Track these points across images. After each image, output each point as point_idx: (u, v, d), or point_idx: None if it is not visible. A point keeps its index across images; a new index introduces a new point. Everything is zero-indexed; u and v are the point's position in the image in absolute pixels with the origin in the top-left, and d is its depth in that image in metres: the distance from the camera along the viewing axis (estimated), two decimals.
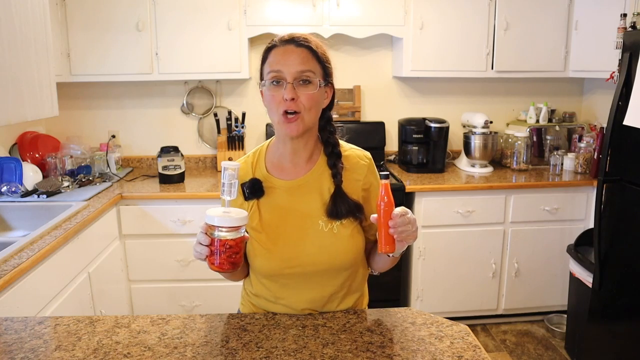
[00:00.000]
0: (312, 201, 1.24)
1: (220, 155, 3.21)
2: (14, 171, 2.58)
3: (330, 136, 1.27)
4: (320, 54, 1.20)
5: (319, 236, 1.23)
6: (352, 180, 1.26)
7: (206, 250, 1.08)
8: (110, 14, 2.85)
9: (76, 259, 2.17)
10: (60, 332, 1.18)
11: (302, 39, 1.19)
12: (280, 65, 1.16)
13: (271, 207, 1.26)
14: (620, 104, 2.26)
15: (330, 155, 1.26)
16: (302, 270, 1.23)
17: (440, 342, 1.12)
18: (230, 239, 1.06)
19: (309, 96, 1.16)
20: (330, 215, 1.22)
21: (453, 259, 2.94)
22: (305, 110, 1.17)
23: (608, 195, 2.38)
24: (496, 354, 2.79)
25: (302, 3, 2.94)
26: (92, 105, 3.31)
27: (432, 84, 3.45)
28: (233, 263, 1.08)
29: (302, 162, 1.27)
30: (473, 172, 3.16)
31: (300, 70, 1.16)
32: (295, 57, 1.17)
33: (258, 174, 1.28)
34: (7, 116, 1.87)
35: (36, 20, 2.06)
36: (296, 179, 1.26)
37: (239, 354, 1.08)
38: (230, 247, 1.06)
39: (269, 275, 1.26)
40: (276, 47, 1.19)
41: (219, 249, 1.06)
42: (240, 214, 1.09)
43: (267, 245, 1.23)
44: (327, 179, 1.25)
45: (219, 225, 1.05)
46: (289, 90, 1.15)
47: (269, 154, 1.31)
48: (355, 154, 1.30)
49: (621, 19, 2.61)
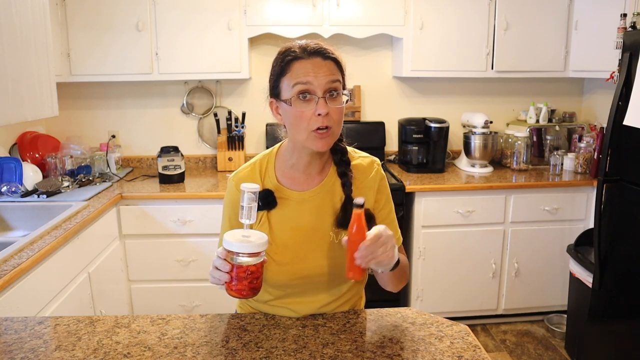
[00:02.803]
0: (324, 214, 1.22)
1: (220, 155, 3.21)
2: (14, 171, 2.58)
3: (338, 143, 1.25)
4: (342, 65, 1.18)
5: (329, 248, 1.21)
6: (363, 189, 1.24)
7: (226, 276, 1.04)
8: (110, 14, 2.85)
9: (76, 259, 2.17)
10: (60, 332, 1.18)
11: (327, 50, 1.16)
12: (309, 78, 1.11)
13: (282, 218, 1.23)
14: (620, 104, 2.26)
15: (339, 163, 1.24)
16: (310, 281, 1.22)
17: (440, 342, 1.12)
18: (252, 264, 1.02)
19: (339, 110, 1.14)
20: (339, 225, 1.21)
21: (453, 259, 2.94)
22: (336, 124, 1.14)
23: (608, 195, 2.38)
24: (496, 354, 2.79)
25: (302, 3, 2.93)
26: (92, 105, 3.31)
27: (432, 84, 3.45)
28: (253, 289, 1.04)
29: (314, 173, 1.24)
30: (473, 172, 3.16)
31: (330, 87, 1.13)
32: (325, 71, 1.12)
33: (268, 183, 1.24)
34: (7, 116, 1.87)
35: (36, 21, 2.06)
36: (308, 190, 1.23)
37: (239, 354, 1.08)
38: (252, 273, 1.03)
39: (276, 286, 1.24)
40: (301, 60, 1.13)
41: (239, 275, 1.02)
42: (261, 238, 1.05)
43: (277, 257, 1.21)
44: (339, 189, 1.23)
45: (239, 251, 1.02)
46: (322, 105, 1.10)
47: (278, 163, 1.27)
48: (365, 162, 1.28)
49: (621, 19, 2.61)
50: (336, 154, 1.25)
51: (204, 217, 2.73)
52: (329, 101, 1.12)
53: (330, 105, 1.12)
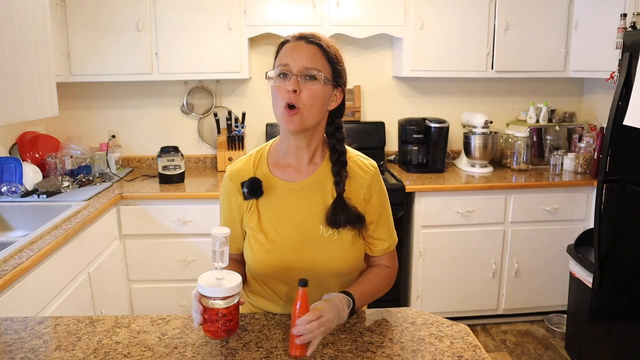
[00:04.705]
0: (313, 205, 1.23)
1: (220, 155, 3.22)
2: (14, 171, 2.58)
3: (338, 143, 1.25)
4: (330, 53, 1.19)
5: (318, 241, 1.22)
6: (355, 190, 1.24)
7: (200, 318, 1.05)
8: (110, 14, 2.85)
9: (76, 259, 2.17)
10: (60, 332, 1.18)
11: (313, 36, 1.19)
12: (288, 59, 1.16)
13: (270, 207, 1.25)
14: (620, 104, 2.26)
15: (335, 162, 1.24)
16: (298, 273, 1.22)
17: (440, 342, 1.12)
18: (223, 307, 1.02)
19: (311, 92, 1.15)
20: (329, 223, 1.21)
21: (453, 259, 2.94)
22: (305, 107, 1.15)
23: (608, 195, 2.38)
24: (496, 354, 2.79)
25: (302, 3, 2.93)
26: (92, 105, 3.31)
27: (432, 84, 3.45)
28: (228, 330, 1.05)
29: (304, 163, 1.25)
30: (473, 172, 3.16)
31: (307, 67, 1.15)
32: (304, 53, 1.16)
33: (259, 172, 1.27)
34: (7, 116, 1.87)
35: (36, 20, 2.06)
36: (298, 181, 1.25)
37: (239, 354, 1.08)
38: (224, 316, 1.03)
39: (266, 276, 1.26)
40: (288, 43, 1.20)
41: (211, 317, 1.03)
42: (234, 281, 1.04)
43: (266, 246, 1.22)
44: (330, 185, 1.24)
45: (210, 295, 1.02)
46: (292, 81, 1.14)
47: (271, 152, 1.30)
48: (361, 163, 1.28)
49: (621, 19, 2.61)
50: (334, 153, 1.25)
51: (204, 217, 2.73)
52: (304, 82, 1.15)
53: (304, 86, 1.15)
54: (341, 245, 1.22)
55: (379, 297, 1.30)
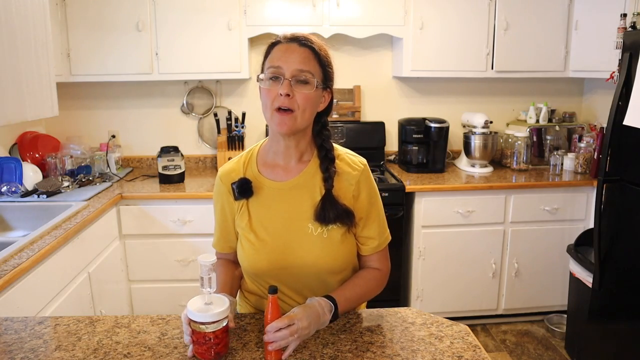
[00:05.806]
0: (302, 204, 1.23)
1: (220, 155, 3.21)
2: (14, 171, 2.58)
3: (325, 140, 1.26)
4: (322, 56, 1.19)
5: (308, 239, 1.21)
6: (344, 187, 1.24)
7: (189, 339, 1.07)
8: (111, 14, 2.85)
9: (76, 259, 2.17)
10: (60, 332, 1.18)
11: (305, 39, 1.19)
12: (280, 62, 1.16)
13: (260, 207, 1.25)
14: (620, 104, 2.26)
15: (323, 159, 1.24)
16: (290, 272, 1.22)
17: (440, 342, 1.12)
18: (211, 331, 1.04)
19: (305, 96, 1.15)
20: (318, 220, 1.20)
21: (453, 259, 2.94)
22: (299, 110, 1.16)
23: (608, 195, 2.38)
24: (496, 354, 2.79)
25: (302, 3, 2.94)
26: (92, 105, 3.31)
27: (432, 84, 3.45)
28: (217, 353, 1.06)
29: (293, 162, 1.26)
30: (473, 172, 3.16)
31: (300, 69, 1.15)
32: (297, 56, 1.16)
33: (249, 173, 1.27)
34: (7, 116, 1.87)
35: (36, 20, 2.06)
36: (287, 180, 1.25)
37: (239, 354, 1.08)
38: (212, 339, 1.05)
39: (257, 275, 1.26)
40: (280, 44, 1.19)
41: (199, 340, 1.05)
42: (222, 305, 1.06)
43: (256, 246, 1.23)
44: (319, 183, 1.24)
45: (197, 320, 1.04)
46: (285, 85, 1.14)
47: (261, 153, 1.30)
48: (350, 160, 1.28)
49: (621, 19, 2.61)
50: (322, 150, 1.25)
51: (204, 217, 2.73)
52: (297, 86, 1.15)
53: (297, 90, 1.15)
54: (330, 244, 1.21)
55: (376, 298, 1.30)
